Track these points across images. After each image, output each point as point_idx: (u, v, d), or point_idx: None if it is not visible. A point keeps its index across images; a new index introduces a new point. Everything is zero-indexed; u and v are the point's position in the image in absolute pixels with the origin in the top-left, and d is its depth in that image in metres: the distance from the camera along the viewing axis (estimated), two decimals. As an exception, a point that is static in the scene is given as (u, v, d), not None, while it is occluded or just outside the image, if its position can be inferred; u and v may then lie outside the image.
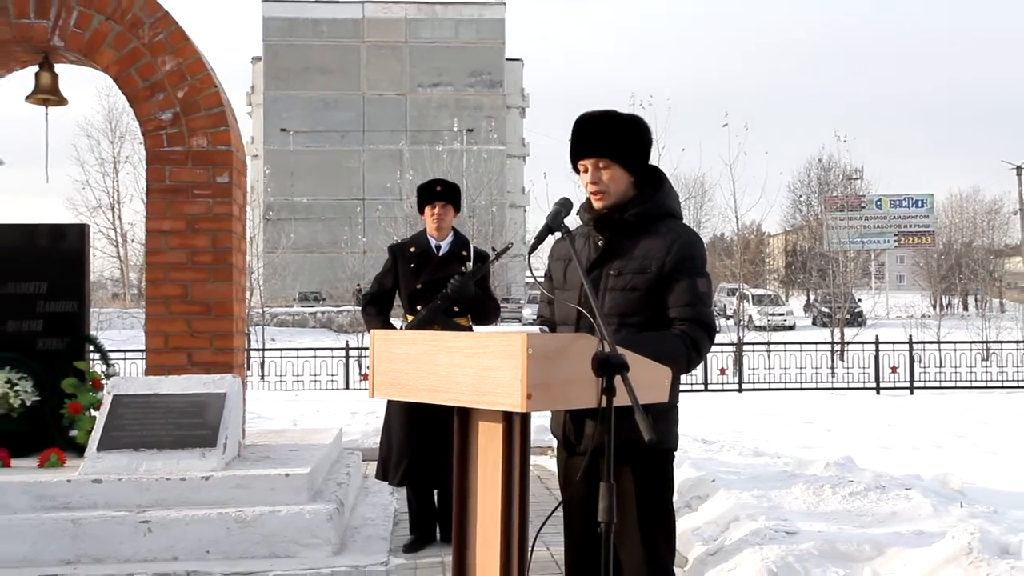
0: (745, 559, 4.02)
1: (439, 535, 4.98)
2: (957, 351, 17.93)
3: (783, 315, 37.24)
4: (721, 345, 16.94)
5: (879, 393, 16.81)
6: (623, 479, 2.57)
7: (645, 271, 2.67)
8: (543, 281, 3.01)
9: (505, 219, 43.21)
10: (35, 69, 5.76)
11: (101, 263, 46.32)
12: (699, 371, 16.13)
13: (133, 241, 45.01)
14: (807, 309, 43.94)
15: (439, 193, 4.95)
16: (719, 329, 4.29)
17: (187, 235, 5.39)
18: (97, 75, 5.77)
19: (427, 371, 2.27)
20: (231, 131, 5.52)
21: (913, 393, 16.78)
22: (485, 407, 2.19)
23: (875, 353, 17.23)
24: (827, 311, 28.72)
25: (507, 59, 55.61)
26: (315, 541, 4.51)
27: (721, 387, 16.96)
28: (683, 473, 5.67)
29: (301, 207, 50.64)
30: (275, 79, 52.78)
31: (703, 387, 16.62)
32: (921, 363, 17.78)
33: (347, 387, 16.95)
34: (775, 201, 63.66)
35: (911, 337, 17.91)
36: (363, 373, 17.23)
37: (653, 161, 2.83)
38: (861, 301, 35.59)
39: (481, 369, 2.14)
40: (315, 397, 14.29)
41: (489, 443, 2.28)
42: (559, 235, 2.52)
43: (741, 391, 16.91)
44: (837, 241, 29.70)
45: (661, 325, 2.68)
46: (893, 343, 17.63)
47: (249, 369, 15.47)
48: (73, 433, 5.24)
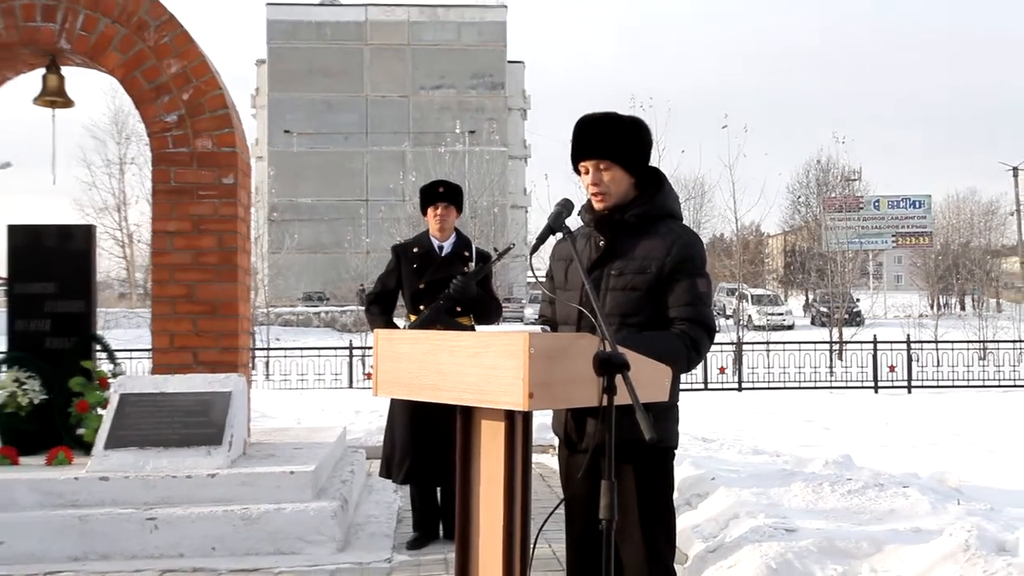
0: (745, 556, 4.03)
1: (442, 532, 4.99)
2: (954, 350, 17.91)
3: (782, 315, 37.17)
4: (721, 344, 16.92)
5: (877, 392, 16.80)
6: (624, 477, 2.59)
7: (645, 271, 2.69)
8: (544, 281, 3.01)
9: (507, 220, 43.32)
10: (42, 72, 5.80)
11: (107, 263, 46.34)
12: (699, 370, 16.12)
13: (139, 242, 44.96)
14: (806, 309, 43.86)
15: (441, 194, 4.98)
16: (719, 329, 4.31)
17: (192, 236, 5.42)
18: (103, 77, 5.81)
19: (430, 370, 2.28)
20: (236, 133, 5.55)
21: (911, 392, 16.77)
22: (487, 406, 2.20)
23: (873, 352, 17.23)
24: (826, 311, 28.69)
25: (508, 61, 55.63)
26: (320, 538, 4.55)
27: (721, 386, 16.94)
28: (683, 471, 5.68)
29: (305, 208, 50.66)
30: (279, 81, 52.80)
31: (703, 386, 16.61)
32: (919, 362, 17.77)
33: (351, 386, 16.93)
34: (774, 202, 63.82)
35: (909, 337, 17.89)
36: (366, 372, 17.25)
37: (653, 162, 2.84)
38: (859, 301, 35.52)
39: (483, 368, 2.14)
40: (319, 396, 14.26)
41: (491, 441, 2.29)
42: (560, 236, 2.54)
43: (741, 390, 16.91)
44: (835, 241, 29.62)
45: (661, 325, 2.70)
46: (891, 342, 17.61)
47: (254, 368, 15.48)
48: (80, 431, 5.28)
